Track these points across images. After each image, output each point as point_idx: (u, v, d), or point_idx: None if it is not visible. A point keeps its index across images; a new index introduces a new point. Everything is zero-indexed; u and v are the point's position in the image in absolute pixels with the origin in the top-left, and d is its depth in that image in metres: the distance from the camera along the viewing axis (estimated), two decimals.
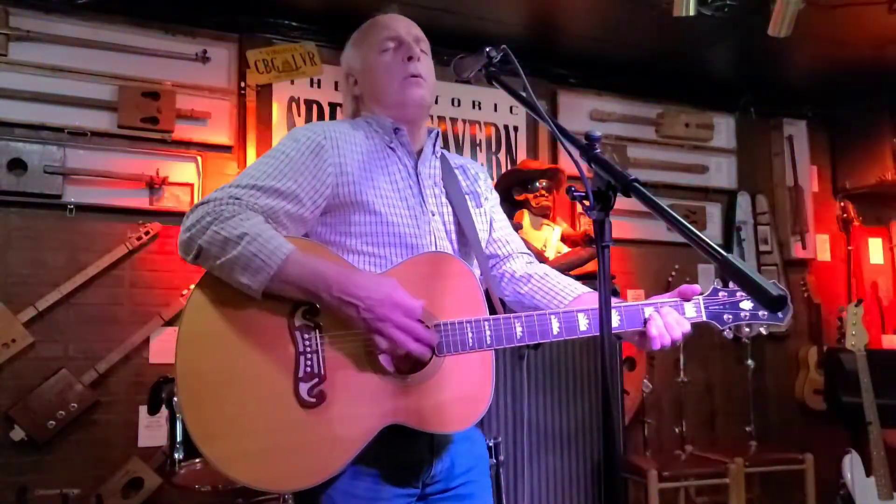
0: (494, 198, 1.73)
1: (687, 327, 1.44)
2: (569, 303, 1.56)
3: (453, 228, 1.55)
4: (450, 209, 1.56)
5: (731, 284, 1.51)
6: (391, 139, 1.55)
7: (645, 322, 1.44)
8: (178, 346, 1.30)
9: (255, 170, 1.42)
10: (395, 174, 1.51)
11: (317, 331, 1.34)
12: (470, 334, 1.36)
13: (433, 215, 1.52)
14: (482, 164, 1.84)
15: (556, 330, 1.39)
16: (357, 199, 1.44)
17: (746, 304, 1.50)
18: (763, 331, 1.56)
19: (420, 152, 1.58)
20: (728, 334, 1.54)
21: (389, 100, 1.55)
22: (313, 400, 1.31)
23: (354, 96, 1.64)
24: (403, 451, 1.41)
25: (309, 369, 1.32)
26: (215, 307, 1.32)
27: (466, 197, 1.61)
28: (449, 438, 1.48)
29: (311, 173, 1.42)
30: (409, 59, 1.55)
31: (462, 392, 1.36)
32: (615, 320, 1.42)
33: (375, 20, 1.65)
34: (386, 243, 1.45)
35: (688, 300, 1.48)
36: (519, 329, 1.38)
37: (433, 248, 1.48)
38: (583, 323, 1.41)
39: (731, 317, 1.49)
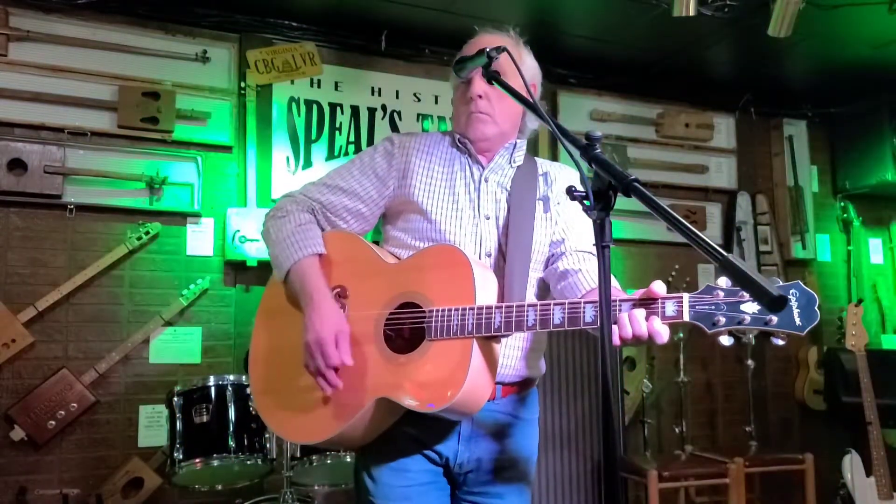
0: (567, 199, 1.73)
1: (656, 327, 1.28)
2: (581, 295, 1.57)
3: (503, 231, 1.64)
4: (507, 213, 1.64)
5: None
6: (463, 151, 1.71)
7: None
8: (255, 320, 1.69)
9: (335, 171, 1.74)
10: (457, 180, 1.66)
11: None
12: (455, 321, 1.44)
13: (487, 219, 1.64)
14: (574, 170, 1.83)
15: (531, 321, 1.40)
16: (411, 200, 1.64)
17: (751, 307, 1.26)
18: (779, 341, 1.21)
19: (491, 161, 1.69)
20: (725, 340, 1.29)
21: (460, 130, 1.72)
22: None
23: None
24: (434, 434, 1.56)
25: None
26: (279, 289, 1.65)
27: (539, 203, 1.69)
28: (478, 432, 1.58)
29: (377, 176, 1.68)
30: (471, 99, 1.65)
31: (438, 375, 1.43)
32: (589, 315, 1.35)
33: (466, 45, 1.74)
34: (429, 239, 1.62)
35: (655, 299, 1.32)
36: (498, 318, 1.42)
37: (476, 248, 1.61)
38: (557, 316, 1.39)
39: (724, 319, 1.25)
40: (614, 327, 1.32)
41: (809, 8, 3.24)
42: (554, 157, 4.15)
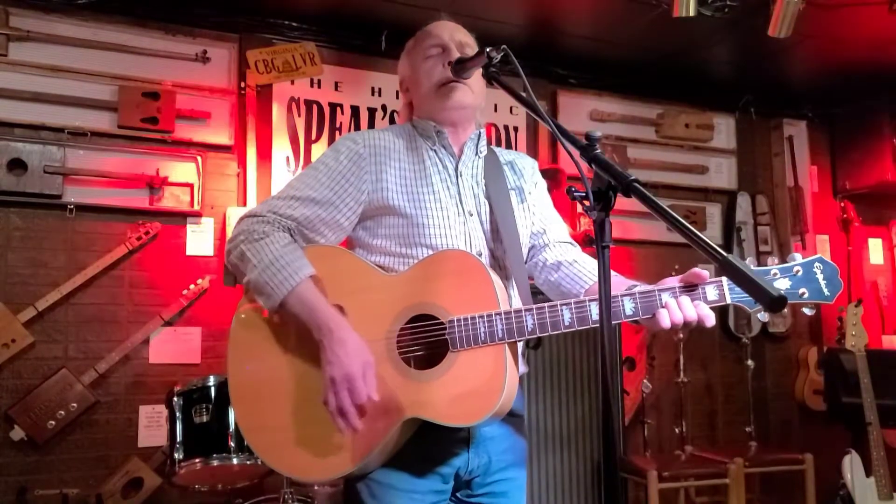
0: (539, 189, 1.74)
1: (704, 311, 1.35)
2: (588, 287, 1.57)
3: (490, 227, 1.58)
4: (488, 208, 1.59)
5: (768, 262, 1.38)
6: (434, 142, 1.61)
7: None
8: (228, 350, 1.51)
9: (298, 181, 1.56)
10: (434, 176, 1.57)
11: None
12: (482, 329, 1.39)
13: (470, 215, 1.57)
14: (532, 158, 1.84)
15: (567, 320, 1.38)
16: (390, 204, 1.53)
17: (783, 283, 1.36)
18: (809, 311, 1.40)
19: (462, 153, 1.62)
20: (762, 317, 1.36)
21: (430, 104, 1.61)
22: None
23: (407, 103, 1.71)
24: (441, 447, 1.48)
25: None
26: (258, 313, 1.49)
27: (511, 193, 1.64)
28: (486, 435, 1.52)
29: (349, 181, 1.53)
30: (450, 63, 1.57)
31: (473, 386, 1.38)
32: (629, 308, 1.37)
33: (425, 29, 1.70)
34: (415, 244, 1.51)
35: (696, 285, 1.38)
36: (530, 321, 1.38)
37: (466, 247, 1.53)
38: (594, 312, 1.38)
39: None
40: (663, 311, 1.35)
41: (809, 8, 3.24)
42: (554, 157, 4.15)
